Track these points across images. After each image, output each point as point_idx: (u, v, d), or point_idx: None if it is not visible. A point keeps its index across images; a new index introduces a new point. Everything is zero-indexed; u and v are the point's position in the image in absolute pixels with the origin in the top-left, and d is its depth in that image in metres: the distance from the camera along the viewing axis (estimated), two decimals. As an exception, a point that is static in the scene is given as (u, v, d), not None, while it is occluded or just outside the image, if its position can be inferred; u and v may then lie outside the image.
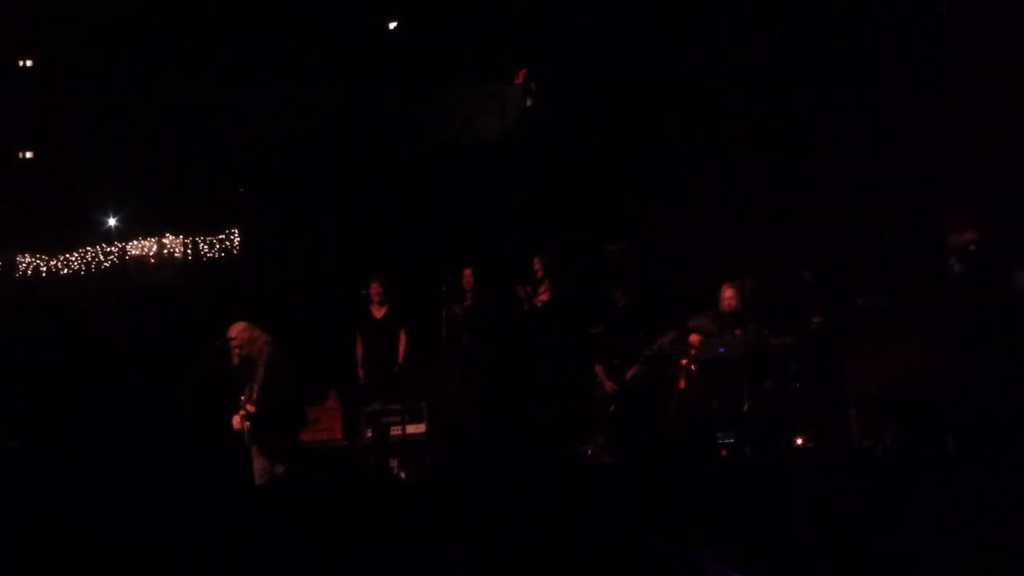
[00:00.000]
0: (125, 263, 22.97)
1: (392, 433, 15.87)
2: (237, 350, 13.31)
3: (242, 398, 13.29)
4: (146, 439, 16.43)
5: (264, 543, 9.35)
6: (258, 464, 13.30)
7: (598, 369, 14.80)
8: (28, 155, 26.28)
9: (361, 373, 16.72)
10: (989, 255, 11.79)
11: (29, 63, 25.67)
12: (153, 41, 21.63)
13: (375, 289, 16.57)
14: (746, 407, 12.51)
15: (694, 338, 13.89)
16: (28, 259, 23.52)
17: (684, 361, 13.76)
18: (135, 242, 22.87)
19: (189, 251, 22.52)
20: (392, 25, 20.39)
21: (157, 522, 10.38)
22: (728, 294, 13.95)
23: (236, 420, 13.33)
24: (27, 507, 14.24)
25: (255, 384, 13.24)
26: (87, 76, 22.51)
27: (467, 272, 16.64)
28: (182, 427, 15.90)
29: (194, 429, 14.59)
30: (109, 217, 23.14)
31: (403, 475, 15.26)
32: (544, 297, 15.95)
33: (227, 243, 22.36)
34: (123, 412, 17.63)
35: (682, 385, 13.68)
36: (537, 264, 16.04)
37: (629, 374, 14.42)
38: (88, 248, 23.22)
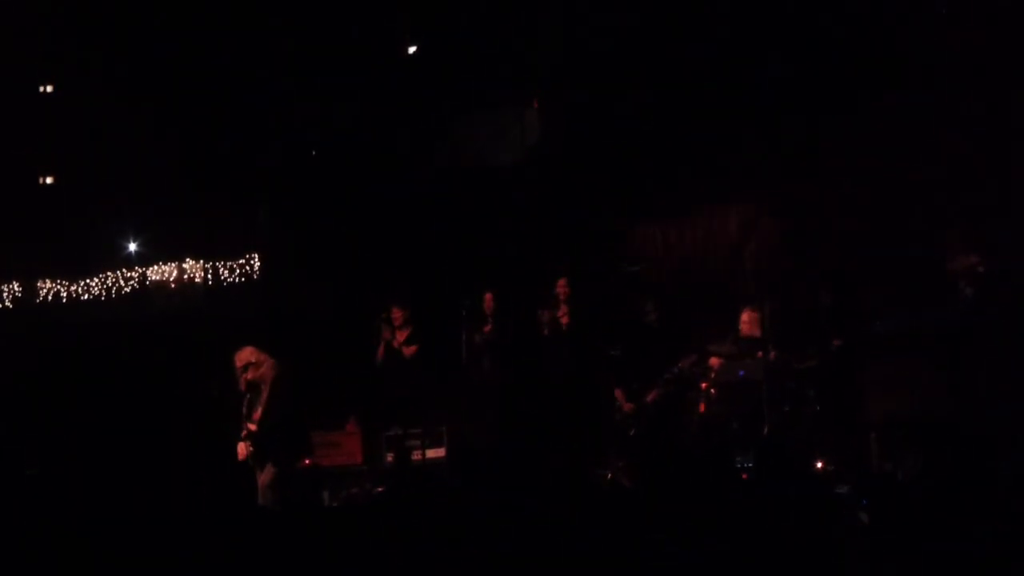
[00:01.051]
0: (146, 288, 23.03)
1: (413, 457, 15.91)
2: (243, 375, 13.44)
3: (244, 420, 13.42)
4: (164, 464, 16.48)
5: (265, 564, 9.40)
6: (261, 487, 13.39)
7: (617, 392, 14.78)
8: (48, 181, 26.39)
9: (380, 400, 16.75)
10: (998, 277, 11.78)
11: (49, 89, 25.79)
12: (174, 66, 21.73)
13: (396, 314, 16.59)
14: (766, 430, 12.51)
15: (714, 361, 13.90)
16: (49, 284, 23.59)
17: (704, 384, 13.76)
18: (155, 267, 22.94)
19: (209, 276, 22.56)
20: (412, 50, 20.40)
21: (162, 542, 10.42)
22: (746, 318, 14.00)
23: (241, 447, 13.45)
24: (45, 533, 14.27)
25: (258, 406, 13.36)
26: (107, 102, 22.60)
27: (488, 296, 16.63)
28: (196, 449, 16.04)
29: (206, 451, 14.70)
30: (129, 242, 23.21)
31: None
32: (564, 320, 15.94)
33: (247, 268, 22.39)
34: (142, 437, 17.67)
35: (702, 408, 13.67)
36: (559, 286, 16.04)
37: (649, 397, 14.41)
38: (108, 273, 23.28)
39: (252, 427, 13.34)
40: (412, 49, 20.50)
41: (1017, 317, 11.39)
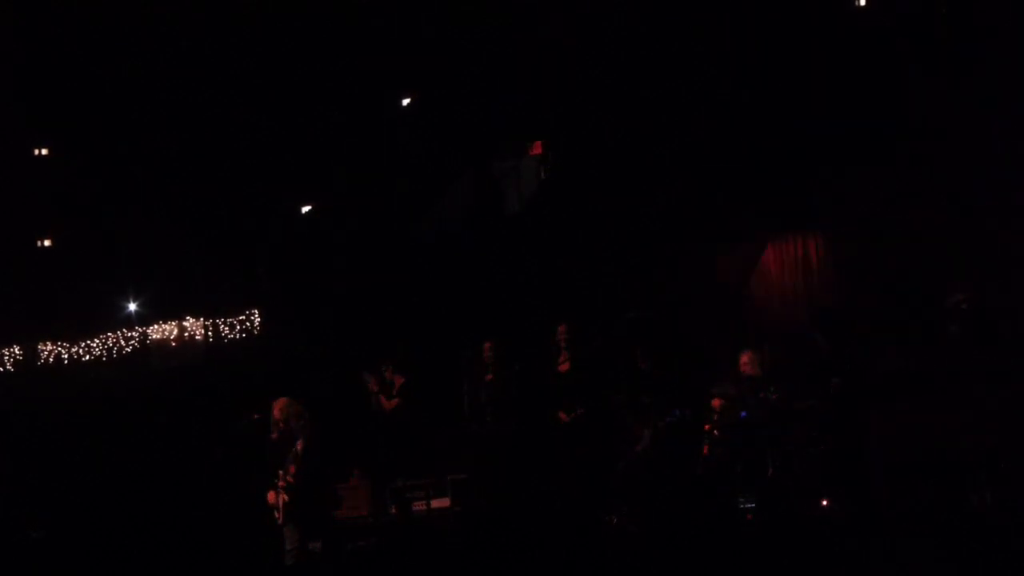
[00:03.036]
0: (147, 347, 23.03)
1: (415, 508, 15.96)
2: (279, 425, 13.50)
3: (280, 472, 13.43)
4: (172, 525, 16.46)
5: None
6: (290, 539, 13.38)
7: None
8: (47, 243, 26.43)
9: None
10: (980, 311, 11.92)
11: (44, 151, 25.85)
12: (168, 125, 21.78)
13: (386, 369, 16.83)
14: (770, 471, 12.55)
15: (716, 403, 13.93)
16: (49, 347, 23.60)
17: (707, 426, 13.79)
18: (156, 326, 22.95)
19: (210, 333, 22.58)
20: (405, 102, 20.50)
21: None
22: (746, 359, 14.06)
23: (271, 495, 13.45)
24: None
25: (293, 458, 13.39)
26: (102, 162, 22.66)
27: (487, 345, 16.70)
28: (211, 505, 16.04)
29: (225, 503, 14.72)
30: (129, 302, 23.21)
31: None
32: (565, 366, 16.01)
33: (247, 324, 22.41)
34: (149, 496, 17.65)
35: (705, 451, 13.69)
36: (559, 333, 16.12)
37: (639, 445, 14.38)
38: (109, 334, 23.29)
39: (290, 479, 13.36)
40: (406, 101, 20.58)
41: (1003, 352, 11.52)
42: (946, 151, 14.61)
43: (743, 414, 13.46)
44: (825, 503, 12.27)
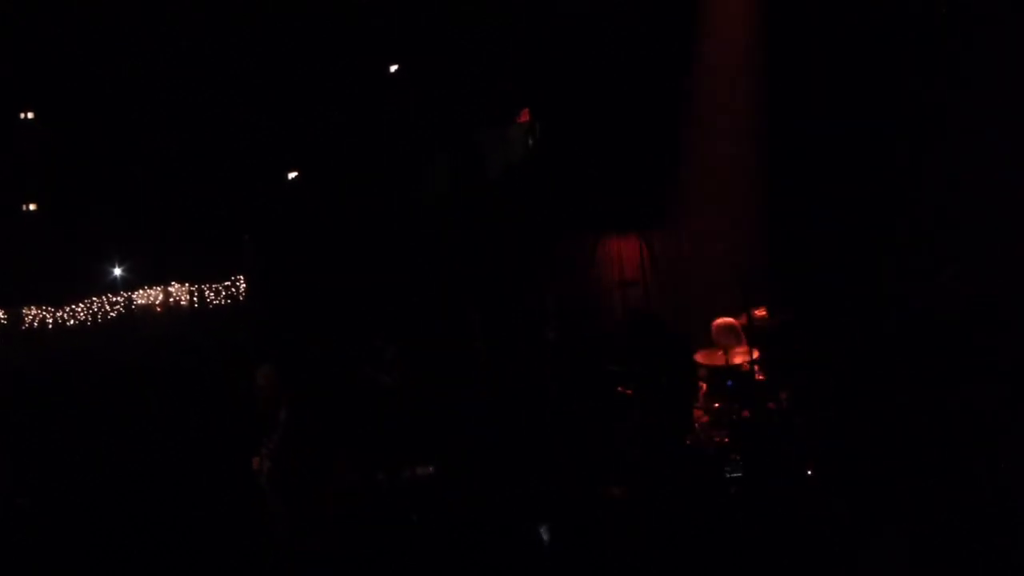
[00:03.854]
0: (132, 312, 23.02)
1: (417, 472, 15.95)
2: (264, 392, 13.47)
3: (264, 439, 13.42)
4: (158, 492, 16.45)
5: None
6: (274, 505, 13.38)
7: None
8: (32, 207, 26.34)
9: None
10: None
11: (31, 115, 25.74)
12: (155, 89, 21.69)
13: (380, 343, 16.79)
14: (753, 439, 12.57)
15: (703, 373, 13.90)
16: (34, 311, 23.55)
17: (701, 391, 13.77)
18: (141, 291, 22.93)
19: (195, 299, 22.56)
20: (393, 68, 20.43)
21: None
22: (717, 328, 13.99)
23: (255, 461, 13.44)
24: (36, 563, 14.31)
25: (276, 426, 13.39)
26: (89, 126, 22.56)
27: (474, 314, 16.74)
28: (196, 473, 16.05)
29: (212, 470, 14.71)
30: (115, 267, 23.15)
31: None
32: (555, 335, 16.04)
33: (233, 290, 22.40)
34: (134, 463, 17.64)
35: (699, 416, 13.60)
36: (548, 301, 16.15)
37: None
38: (94, 299, 23.25)
39: (272, 446, 13.35)
40: (393, 68, 20.51)
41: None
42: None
43: (729, 383, 13.43)
44: (810, 471, 12.29)
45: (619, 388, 14.43)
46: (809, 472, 12.35)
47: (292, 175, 21.56)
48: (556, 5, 17.85)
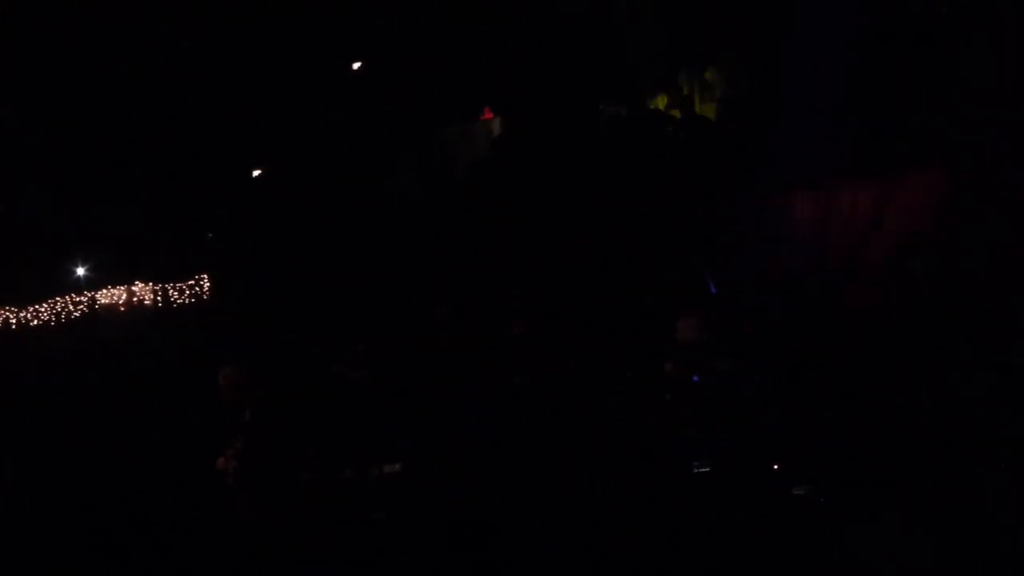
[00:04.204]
0: (95, 312, 22.92)
1: (386, 470, 15.93)
2: (228, 393, 13.44)
3: (230, 439, 13.38)
4: (120, 493, 16.39)
5: None
6: (242, 504, 13.35)
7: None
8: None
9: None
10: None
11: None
12: (118, 87, 21.60)
13: (351, 339, 16.73)
14: (723, 435, 12.60)
15: (668, 366, 13.93)
16: (-1, 312, 23.46)
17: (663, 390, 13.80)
18: (105, 291, 22.83)
19: (159, 298, 22.49)
20: (356, 65, 20.42)
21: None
22: (684, 324, 14.01)
23: (221, 460, 13.40)
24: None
25: (241, 426, 13.35)
26: (52, 125, 22.45)
27: (443, 310, 16.71)
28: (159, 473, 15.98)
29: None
30: (78, 267, 23.05)
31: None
32: (519, 331, 16.02)
33: (196, 289, 22.35)
34: (95, 464, 17.57)
35: (659, 416, 13.65)
36: (515, 297, 16.13)
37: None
38: (57, 298, 23.15)
39: (238, 445, 13.33)
40: (357, 65, 20.51)
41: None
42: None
43: (695, 378, 13.45)
44: (777, 466, 12.32)
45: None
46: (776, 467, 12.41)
47: (256, 173, 21.53)
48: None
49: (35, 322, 23.31)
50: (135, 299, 22.63)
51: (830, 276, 15.16)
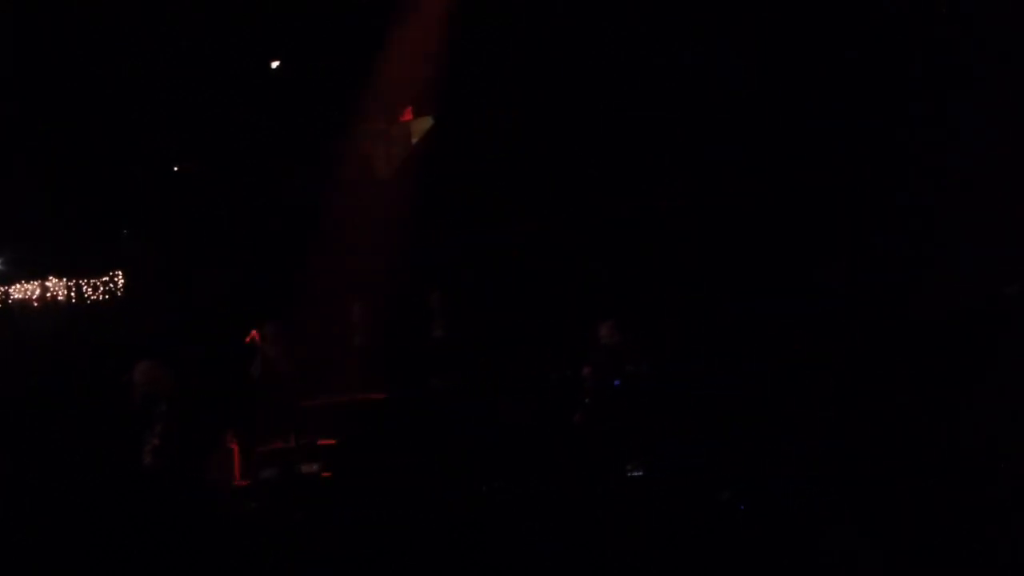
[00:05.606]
0: (7, 307, 22.63)
1: (304, 471, 15.96)
2: (142, 389, 13.44)
3: (147, 435, 13.39)
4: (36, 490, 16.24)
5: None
6: (165, 501, 13.35)
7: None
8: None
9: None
10: None
11: None
12: (35, 77, 21.32)
13: (269, 329, 16.69)
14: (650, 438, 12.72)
15: (586, 370, 14.05)
16: (-94, 306, 23.07)
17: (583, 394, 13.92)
18: (17, 286, 22.55)
19: (73, 294, 22.27)
20: (274, 64, 20.34)
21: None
22: (605, 331, 14.13)
23: (147, 454, 13.42)
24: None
25: (157, 422, 13.36)
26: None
27: (356, 306, 16.79)
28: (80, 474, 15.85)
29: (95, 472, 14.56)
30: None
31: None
32: (439, 333, 16.11)
33: (111, 286, 22.14)
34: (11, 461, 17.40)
35: (578, 419, 13.76)
36: (433, 299, 16.22)
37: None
38: (-31, 293, 22.84)
39: (156, 442, 13.32)
40: (275, 64, 20.43)
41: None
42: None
43: (616, 383, 13.58)
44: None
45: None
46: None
47: (175, 168, 21.41)
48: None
49: (-54, 317, 22.99)
50: (48, 295, 22.38)
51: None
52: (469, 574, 10.14)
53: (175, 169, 21.47)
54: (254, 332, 16.64)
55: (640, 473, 12.45)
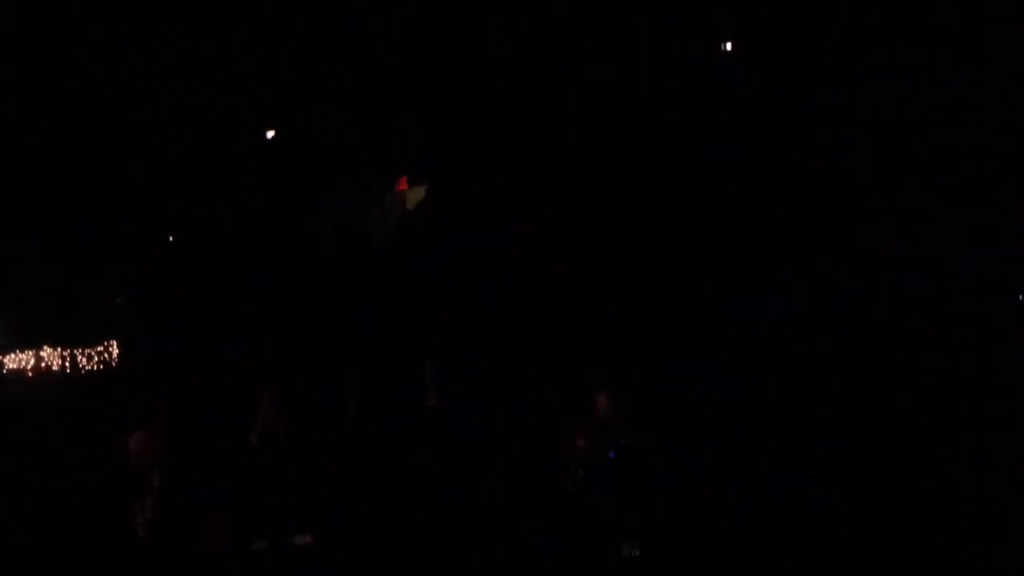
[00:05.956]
0: (2, 376, 22.62)
1: (298, 542, 15.81)
2: (136, 458, 13.42)
3: (138, 506, 13.34)
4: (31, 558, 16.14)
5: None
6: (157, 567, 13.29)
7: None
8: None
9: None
10: None
11: None
12: (27, 149, 21.37)
13: (268, 397, 16.67)
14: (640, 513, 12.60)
15: (580, 441, 13.93)
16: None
17: (575, 463, 13.79)
18: (12, 355, 22.55)
19: (67, 363, 22.26)
20: (270, 134, 20.42)
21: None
22: (603, 402, 14.02)
23: (140, 525, 13.36)
24: None
25: (150, 491, 13.32)
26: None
27: (351, 375, 16.75)
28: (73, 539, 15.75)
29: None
30: (-15, 330, 22.75)
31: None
32: (433, 404, 16.06)
33: (106, 355, 22.14)
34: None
35: (570, 490, 13.61)
36: (426, 368, 16.18)
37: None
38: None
39: (148, 515, 13.27)
40: (271, 134, 20.50)
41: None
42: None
43: (611, 454, 13.42)
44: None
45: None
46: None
47: (170, 238, 21.45)
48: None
49: (-58, 387, 22.95)
50: (43, 364, 22.37)
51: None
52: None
53: (170, 239, 21.51)
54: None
55: (637, 554, 12.28)
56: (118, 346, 22.04)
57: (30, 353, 22.51)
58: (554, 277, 17.56)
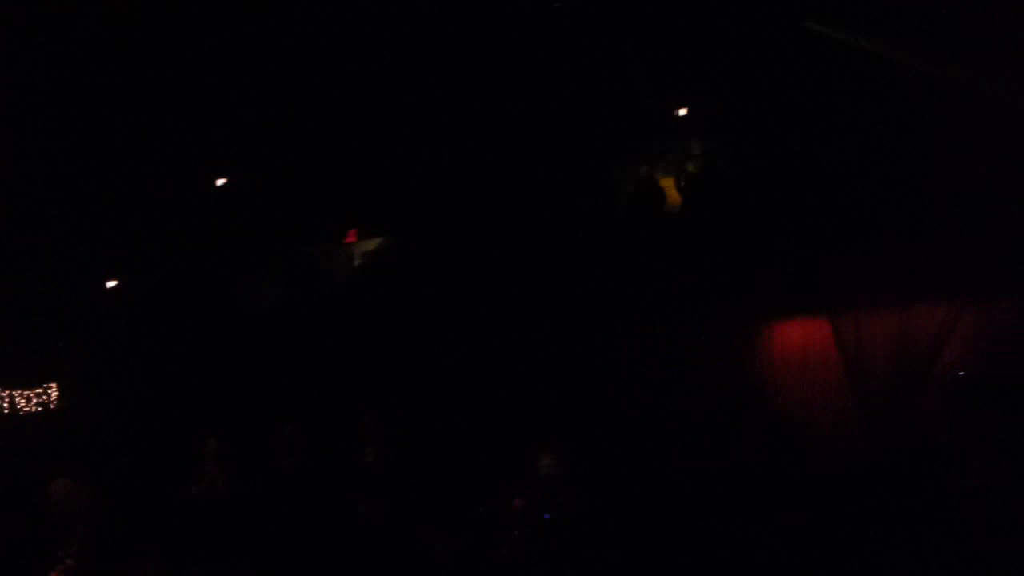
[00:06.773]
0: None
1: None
2: (58, 507, 13.25)
3: (60, 554, 13.17)
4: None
5: None
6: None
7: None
8: None
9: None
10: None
11: None
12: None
13: (212, 448, 16.59)
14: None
15: (517, 503, 13.86)
16: None
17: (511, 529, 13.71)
18: (-53, 397, 22.24)
19: (5, 405, 21.99)
20: (220, 182, 20.37)
21: None
22: (546, 462, 13.97)
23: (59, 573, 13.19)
24: None
25: (76, 540, 13.15)
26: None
27: (288, 430, 16.68)
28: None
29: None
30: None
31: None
32: (371, 458, 15.95)
33: (44, 397, 21.89)
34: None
35: (505, 555, 13.49)
36: (364, 423, 16.10)
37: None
38: None
39: (69, 562, 13.08)
40: (221, 182, 20.45)
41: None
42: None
43: (547, 516, 13.35)
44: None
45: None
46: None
47: (113, 282, 21.30)
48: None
49: None
50: (-21, 405, 22.09)
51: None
52: None
53: (113, 283, 21.36)
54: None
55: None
56: (58, 388, 21.82)
57: (-35, 394, 22.22)
58: (501, 331, 17.54)
